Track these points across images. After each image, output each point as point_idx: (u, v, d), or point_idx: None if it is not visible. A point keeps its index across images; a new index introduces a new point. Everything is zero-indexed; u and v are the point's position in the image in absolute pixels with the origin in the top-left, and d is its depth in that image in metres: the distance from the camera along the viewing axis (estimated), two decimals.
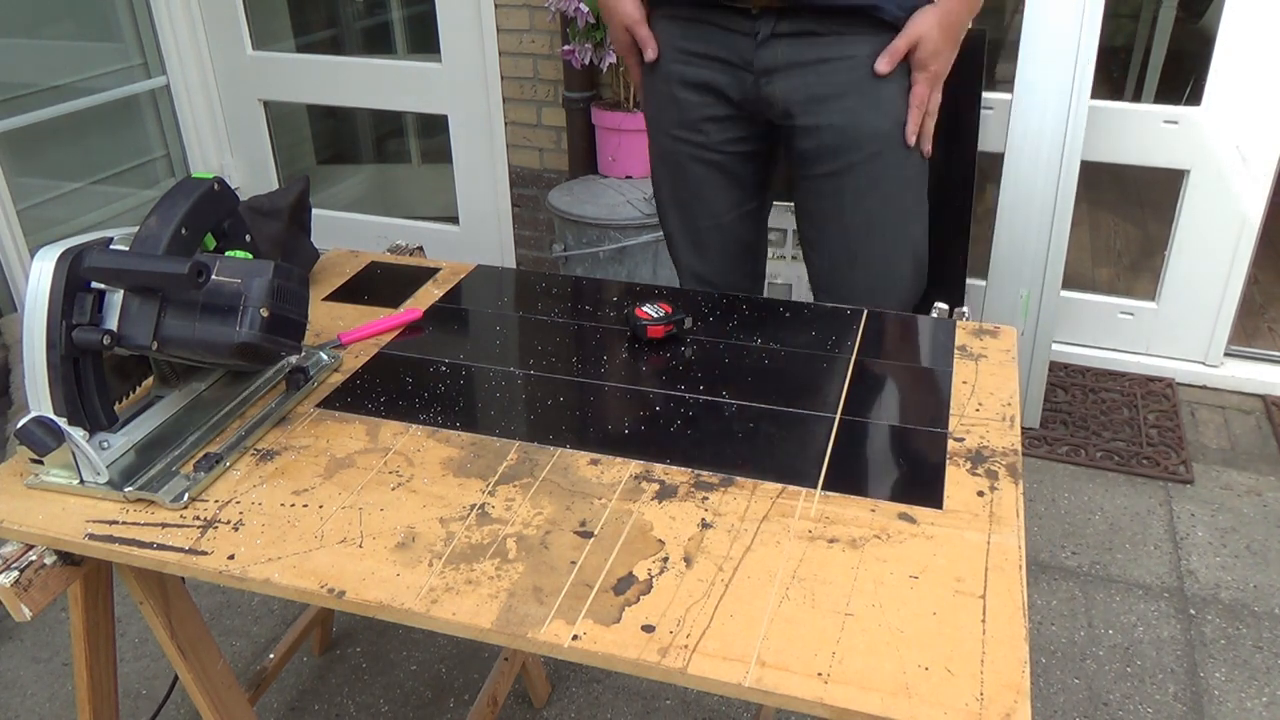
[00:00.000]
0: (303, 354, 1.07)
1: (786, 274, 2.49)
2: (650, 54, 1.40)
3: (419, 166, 3.57)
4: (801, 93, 1.34)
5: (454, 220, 3.19)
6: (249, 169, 3.34)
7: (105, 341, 0.86)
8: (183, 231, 0.90)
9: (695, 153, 1.44)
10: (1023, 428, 1.22)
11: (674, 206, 1.52)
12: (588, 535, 0.82)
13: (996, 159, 2.28)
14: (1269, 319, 2.78)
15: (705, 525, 0.82)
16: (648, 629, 0.72)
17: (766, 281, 2.48)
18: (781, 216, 2.43)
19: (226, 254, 0.97)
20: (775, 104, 1.36)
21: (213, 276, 0.89)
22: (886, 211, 1.42)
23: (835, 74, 1.33)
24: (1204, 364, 2.55)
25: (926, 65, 1.29)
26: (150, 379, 1.00)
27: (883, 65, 1.28)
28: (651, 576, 0.77)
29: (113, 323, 0.87)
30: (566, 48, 2.55)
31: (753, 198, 1.51)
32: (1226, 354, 2.54)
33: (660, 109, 1.46)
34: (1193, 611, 1.81)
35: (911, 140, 1.33)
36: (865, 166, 1.38)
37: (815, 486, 0.87)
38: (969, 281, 2.51)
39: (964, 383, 1.04)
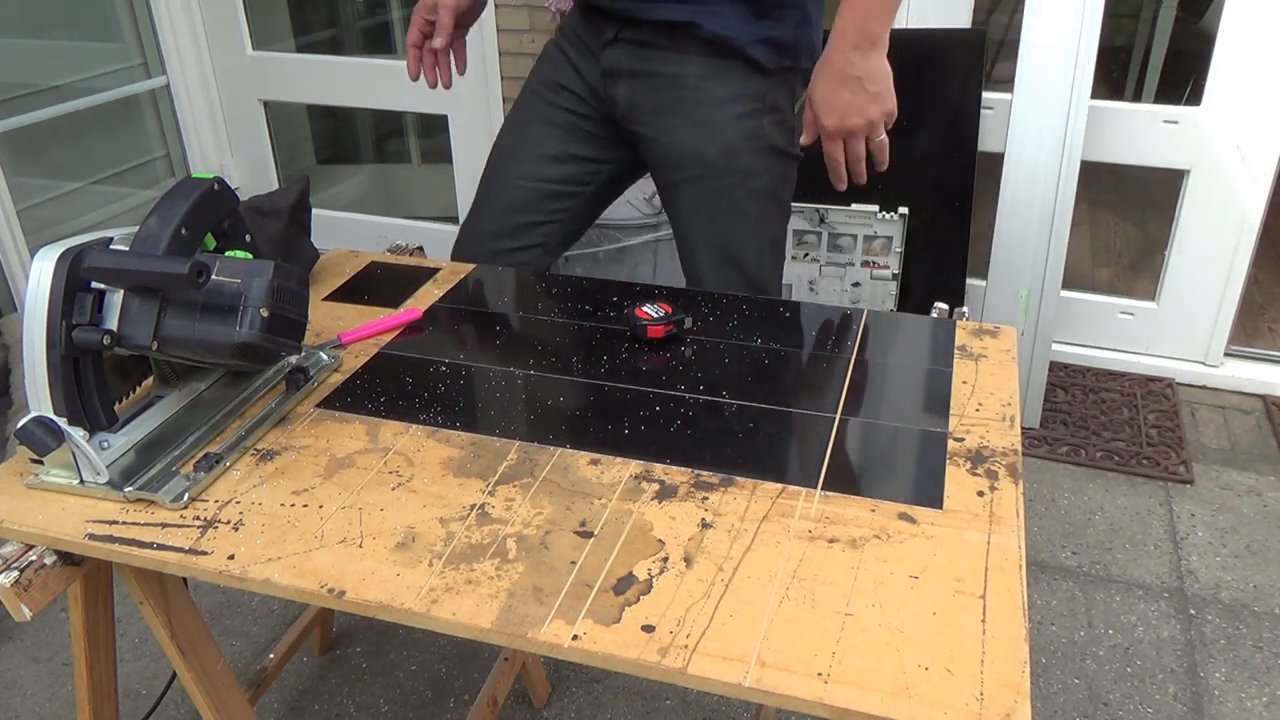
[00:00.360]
0: (303, 354, 1.07)
1: (786, 274, 2.48)
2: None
3: (419, 166, 3.57)
4: (638, 101, 1.40)
5: (454, 220, 3.18)
6: (249, 169, 3.34)
7: (105, 341, 0.86)
8: (183, 231, 0.90)
9: (542, 108, 1.48)
10: (1023, 428, 1.22)
11: (500, 149, 1.54)
12: (588, 535, 0.82)
13: (996, 159, 2.28)
14: (1269, 319, 2.78)
15: (705, 525, 0.82)
16: (648, 629, 0.72)
17: None
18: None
19: (226, 254, 0.97)
20: (618, 105, 1.42)
21: (213, 276, 0.89)
22: (709, 233, 1.45)
23: (664, 90, 1.37)
24: (1204, 364, 2.55)
25: (821, 125, 1.25)
26: (150, 379, 1.00)
27: (804, 140, 1.29)
28: (651, 576, 0.77)
29: (113, 323, 0.87)
30: None
31: (567, 181, 1.49)
32: (1226, 354, 2.54)
33: (539, 66, 1.53)
34: (1193, 611, 1.81)
35: (841, 188, 1.31)
36: (688, 187, 1.42)
37: (815, 486, 0.87)
38: (969, 281, 2.52)
39: (964, 383, 1.04)
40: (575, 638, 0.71)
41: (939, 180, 2.42)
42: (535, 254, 1.50)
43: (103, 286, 0.87)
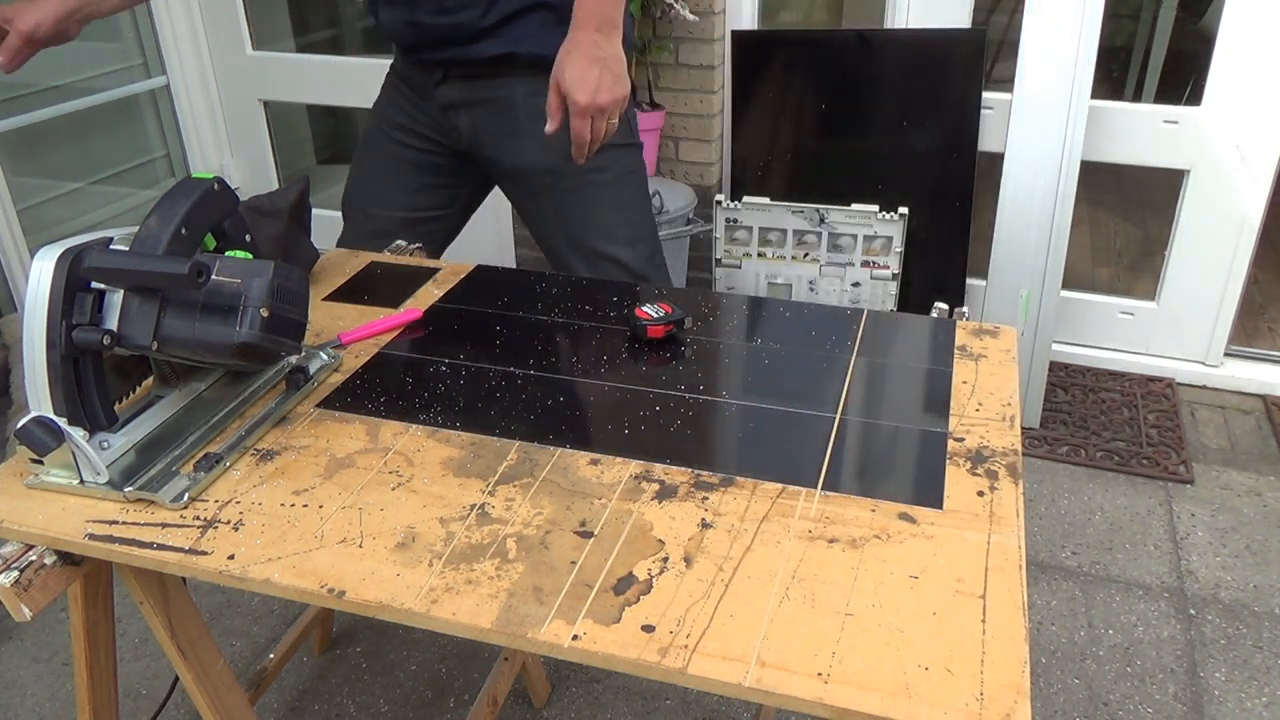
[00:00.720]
0: (303, 354, 1.07)
1: (786, 274, 2.49)
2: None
3: None
4: (480, 128, 1.50)
5: None
6: (249, 169, 3.34)
7: (105, 341, 0.86)
8: (183, 231, 0.90)
9: (394, 148, 1.58)
10: (1023, 428, 1.23)
11: (358, 182, 1.65)
12: (588, 535, 0.82)
13: (996, 159, 2.28)
14: (1269, 319, 2.78)
15: (705, 525, 0.82)
16: (648, 629, 0.72)
17: (767, 281, 2.49)
18: (781, 216, 2.43)
19: (226, 254, 0.97)
20: (462, 135, 1.52)
21: (213, 276, 0.89)
22: (572, 234, 1.54)
23: (501, 114, 1.48)
24: (1204, 364, 2.55)
25: (574, 101, 1.28)
26: (150, 379, 1.00)
27: (549, 128, 1.30)
28: (651, 576, 0.77)
29: (113, 323, 0.87)
30: None
31: (430, 208, 1.63)
32: (1226, 354, 2.54)
33: (383, 103, 1.61)
34: (1193, 611, 1.82)
35: (580, 161, 1.34)
36: (541, 197, 1.53)
37: (815, 486, 0.87)
38: (969, 281, 2.52)
39: (964, 383, 1.04)
40: (575, 638, 0.71)
41: (939, 180, 2.42)
42: None
43: (103, 286, 0.87)
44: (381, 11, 1.45)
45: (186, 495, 0.87)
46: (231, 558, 0.80)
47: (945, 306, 1.19)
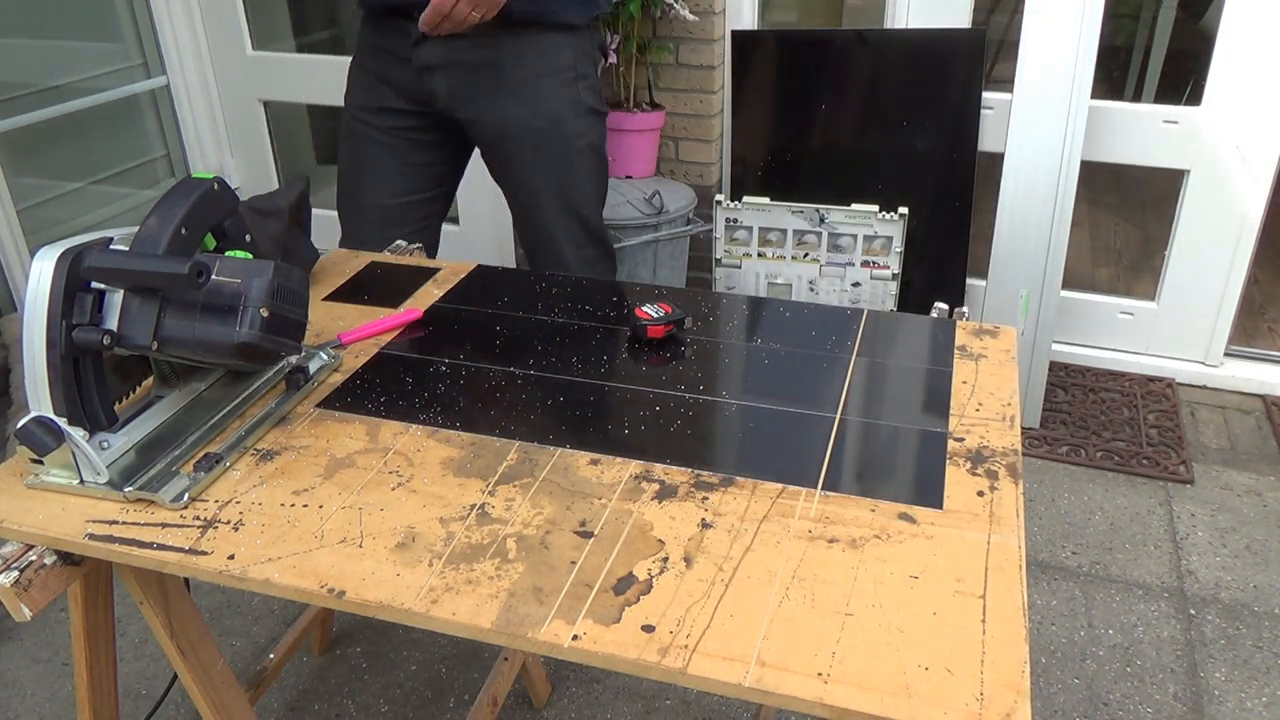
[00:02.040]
0: (303, 354, 1.07)
1: (786, 274, 2.49)
2: None
3: None
4: (458, 90, 1.51)
5: (454, 220, 3.18)
6: (249, 169, 3.34)
7: (105, 341, 0.86)
8: (183, 231, 0.90)
9: (373, 134, 1.61)
10: (1023, 428, 1.22)
11: (347, 178, 1.68)
12: (588, 535, 0.82)
13: (996, 159, 2.28)
14: (1269, 319, 2.78)
15: (705, 525, 0.82)
16: (648, 629, 0.72)
17: (767, 281, 2.49)
18: (781, 216, 2.43)
19: (226, 254, 0.97)
20: (438, 98, 1.53)
21: (213, 276, 0.89)
22: (549, 193, 1.59)
23: (483, 75, 1.49)
24: (1204, 364, 2.55)
25: None
26: (150, 379, 1.00)
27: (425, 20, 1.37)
28: (651, 576, 0.77)
29: (113, 323, 0.87)
30: None
31: (422, 189, 1.66)
32: (1226, 354, 2.54)
33: (352, 91, 1.65)
34: (1193, 611, 1.81)
35: (424, 27, 1.39)
36: (523, 156, 1.55)
37: (815, 486, 0.87)
38: (969, 281, 2.52)
39: (964, 383, 1.04)
40: (575, 638, 0.71)
41: (939, 180, 2.42)
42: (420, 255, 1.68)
43: (103, 286, 0.87)
44: None
45: (186, 495, 0.87)
46: (231, 558, 0.80)
47: (945, 306, 1.19)
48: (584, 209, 1.63)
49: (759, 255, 2.49)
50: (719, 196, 2.48)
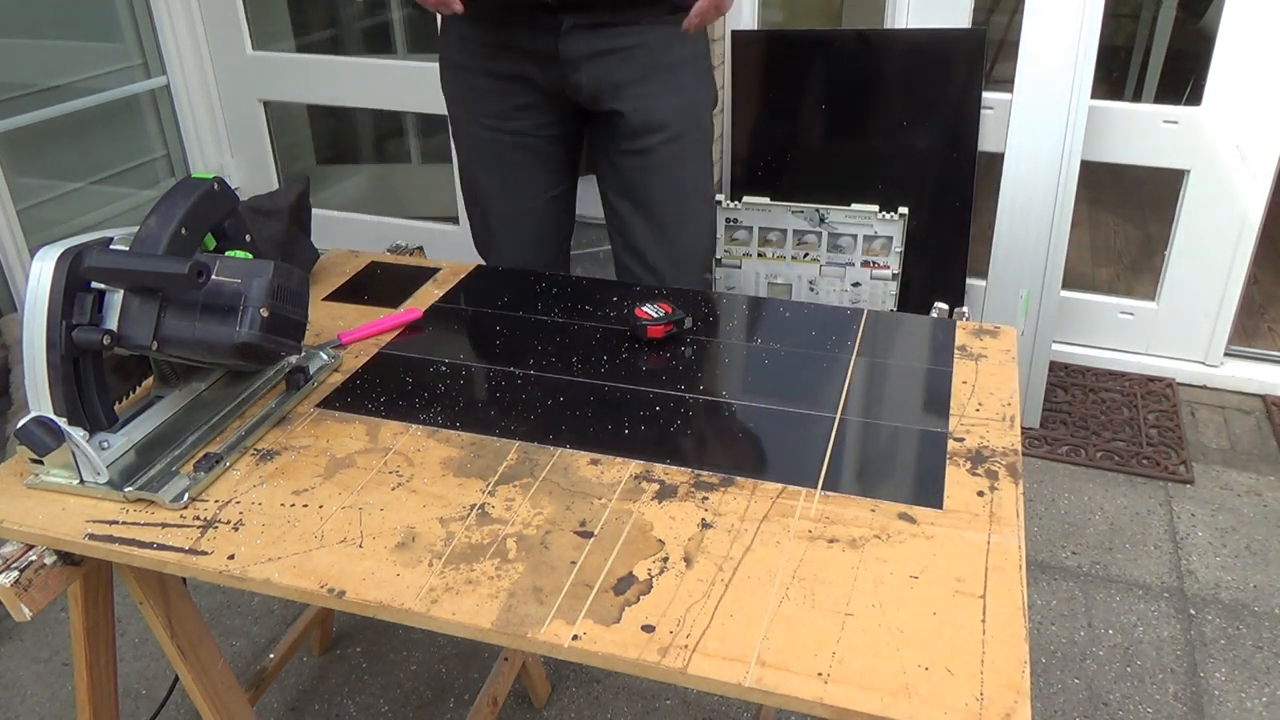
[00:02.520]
0: (303, 354, 1.07)
1: (786, 274, 2.49)
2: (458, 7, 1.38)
3: (419, 166, 3.56)
4: (605, 80, 1.46)
5: (454, 220, 3.18)
6: (249, 169, 3.34)
7: (105, 341, 0.86)
8: (183, 231, 0.90)
9: (512, 139, 1.54)
10: (1023, 428, 1.23)
11: (494, 195, 1.60)
12: (588, 535, 0.82)
13: (996, 159, 2.28)
14: (1269, 319, 2.78)
15: (705, 525, 0.82)
16: (648, 629, 0.72)
17: (767, 281, 2.49)
18: (781, 216, 2.43)
19: (226, 254, 0.97)
20: (582, 90, 1.48)
21: (213, 276, 0.89)
22: (685, 185, 1.55)
23: (632, 61, 1.45)
24: (1204, 364, 2.55)
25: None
26: (150, 379, 1.00)
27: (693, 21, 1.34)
28: (651, 576, 0.77)
29: (113, 323, 0.87)
30: None
31: (563, 180, 1.62)
32: (1226, 354, 2.54)
33: (472, 102, 1.56)
34: (1193, 611, 1.81)
35: (689, 26, 1.37)
36: (667, 146, 1.51)
37: (815, 486, 0.87)
38: (969, 281, 2.52)
39: (964, 383, 1.04)
40: (575, 638, 0.71)
41: (939, 180, 2.42)
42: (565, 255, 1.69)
43: (103, 286, 0.87)
44: None
45: (186, 495, 0.87)
46: (231, 558, 0.80)
47: (945, 306, 1.19)
48: (704, 203, 1.60)
49: (759, 255, 2.49)
50: (719, 196, 2.48)
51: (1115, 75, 3.48)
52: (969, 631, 0.71)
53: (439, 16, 1.50)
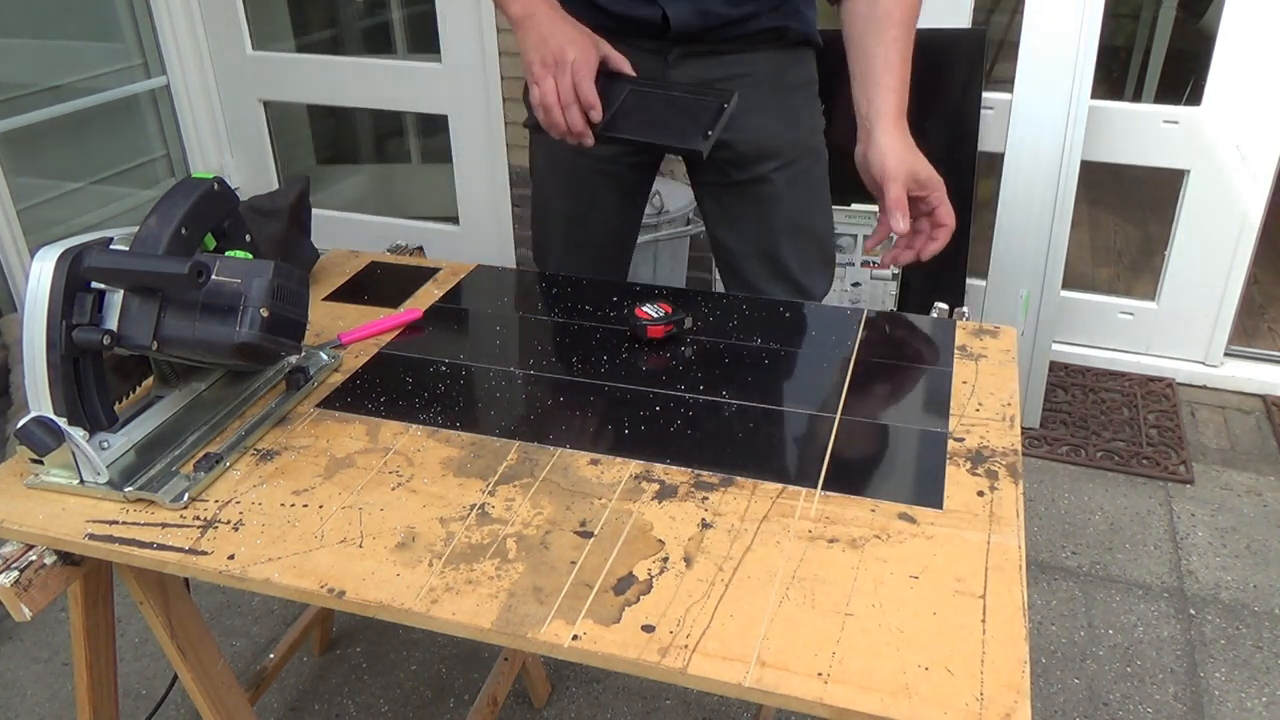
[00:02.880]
0: (303, 354, 1.07)
1: None
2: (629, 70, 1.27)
3: (419, 166, 3.57)
4: None
5: (454, 220, 3.19)
6: (249, 169, 3.34)
7: (105, 341, 0.86)
8: (183, 231, 0.90)
9: (593, 164, 1.46)
10: (1023, 428, 1.22)
11: (566, 215, 1.54)
12: (588, 535, 0.82)
13: (996, 159, 2.28)
14: (1269, 319, 2.78)
15: (705, 525, 0.82)
16: (648, 629, 0.72)
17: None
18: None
19: (226, 254, 0.97)
20: None
21: (213, 276, 0.89)
22: (801, 215, 1.46)
23: (745, 89, 1.36)
24: (1204, 364, 2.55)
25: (934, 179, 1.20)
26: (150, 379, 1.00)
27: (903, 225, 1.20)
28: (651, 576, 0.77)
29: (113, 323, 0.87)
30: None
31: (636, 205, 1.58)
32: (1226, 354, 2.55)
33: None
34: (1193, 611, 1.82)
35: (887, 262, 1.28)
36: (781, 173, 1.44)
37: (815, 486, 0.87)
38: (969, 281, 2.52)
39: (964, 383, 1.04)
40: (575, 638, 0.71)
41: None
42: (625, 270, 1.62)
43: (103, 286, 0.87)
44: (670, 7, 1.32)
45: (186, 495, 0.87)
46: (231, 558, 0.80)
47: (945, 306, 1.19)
48: (823, 231, 1.50)
49: None
50: None
51: (1115, 75, 3.48)
52: (969, 631, 0.71)
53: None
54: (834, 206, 2.41)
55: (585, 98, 1.18)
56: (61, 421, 0.86)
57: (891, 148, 1.17)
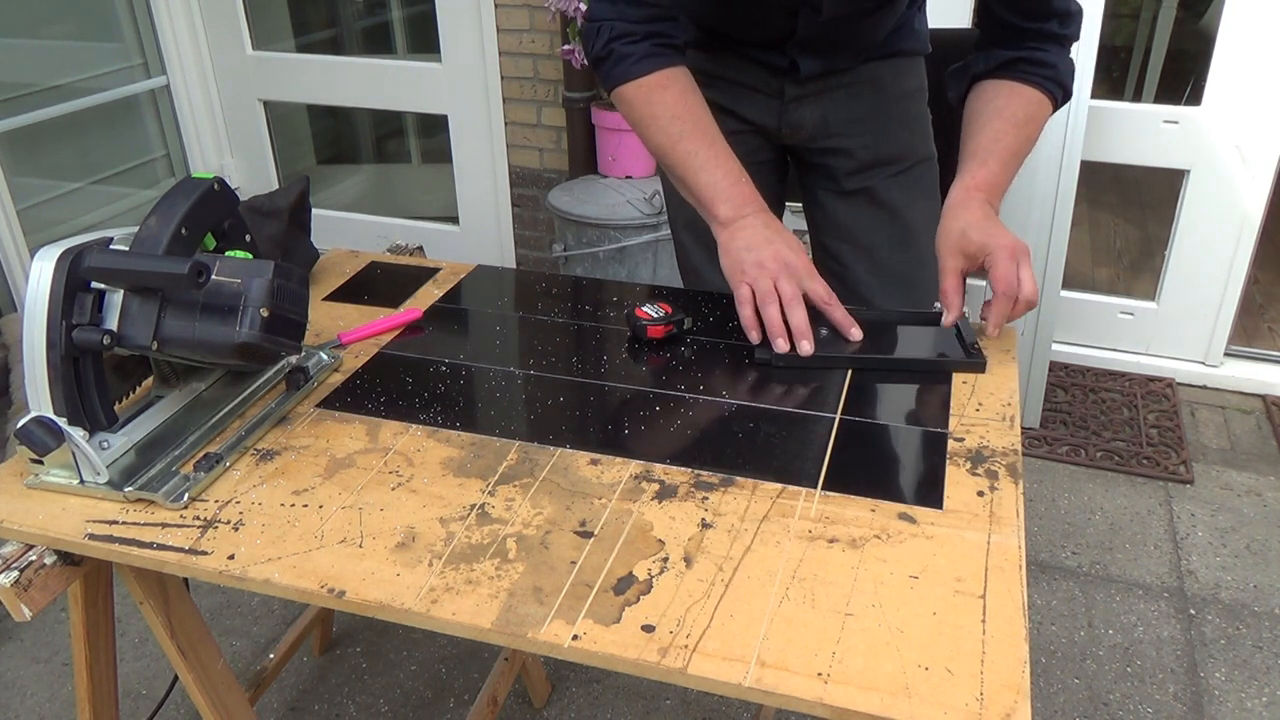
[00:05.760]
0: (303, 354, 1.07)
1: None
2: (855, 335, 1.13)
3: (419, 166, 3.57)
4: (833, 118, 1.38)
5: (454, 220, 3.19)
6: (249, 169, 3.34)
7: (105, 341, 0.86)
8: (183, 231, 0.90)
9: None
10: (1023, 428, 1.22)
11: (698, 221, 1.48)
12: (588, 535, 0.82)
13: None
14: (1269, 319, 2.78)
15: (705, 525, 0.82)
16: (648, 629, 0.72)
17: None
18: (788, 219, 2.43)
19: (226, 254, 0.97)
20: (804, 127, 1.39)
21: (213, 276, 0.89)
22: (915, 222, 1.43)
23: (861, 99, 1.38)
24: (1204, 364, 2.55)
25: (1005, 245, 1.15)
26: (150, 379, 1.00)
27: (952, 318, 1.15)
28: (651, 576, 0.77)
29: (113, 323, 0.87)
30: (566, 47, 2.55)
31: (772, 207, 1.49)
32: (1226, 354, 2.55)
33: None
34: (1193, 611, 1.82)
35: (993, 332, 1.11)
36: (898, 179, 1.42)
37: (815, 486, 0.87)
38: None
39: (964, 383, 1.04)
40: (575, 638, 0.71)
41: (939, 180, 2.42)
42: None
43: (103, 286, 0.87)
44: (802, 62, 1.32)
45: (186, 495, 0.87)
46: (231, 558, 0.80)
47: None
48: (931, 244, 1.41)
49: None
50: None
51: (1115, 75, 3.48)
52: (969, 631, 0.71)
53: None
54: None
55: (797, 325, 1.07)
56: (61, 421, 0.86)
57: (949, 211, 1.20)
